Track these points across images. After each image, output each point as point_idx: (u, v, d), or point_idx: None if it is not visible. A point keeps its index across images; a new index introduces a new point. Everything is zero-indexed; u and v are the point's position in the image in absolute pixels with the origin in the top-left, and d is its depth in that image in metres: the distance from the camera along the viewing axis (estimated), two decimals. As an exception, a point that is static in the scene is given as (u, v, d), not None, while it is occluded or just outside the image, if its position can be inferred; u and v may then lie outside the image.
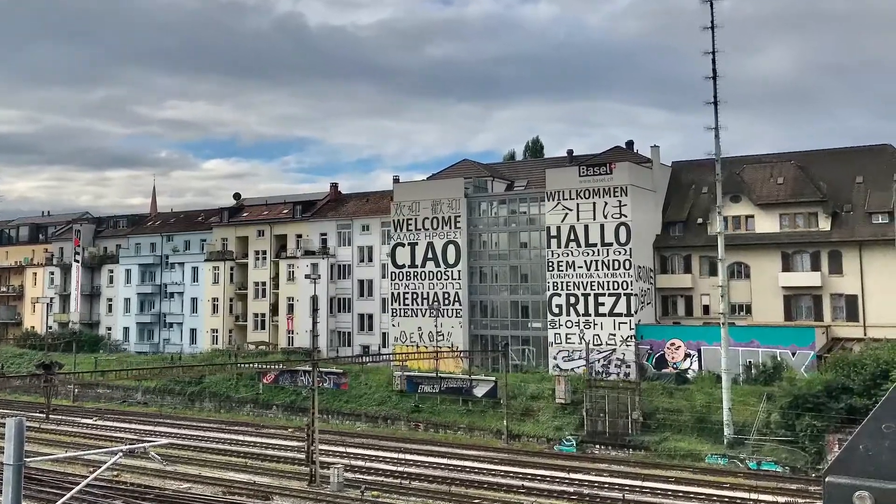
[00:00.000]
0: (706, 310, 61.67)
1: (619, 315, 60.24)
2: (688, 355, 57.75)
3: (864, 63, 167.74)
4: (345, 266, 78.21)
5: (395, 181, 77.05)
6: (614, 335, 60.25)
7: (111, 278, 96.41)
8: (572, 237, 62.59)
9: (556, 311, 62.96)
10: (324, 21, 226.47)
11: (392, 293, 71.42)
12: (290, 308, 79.23)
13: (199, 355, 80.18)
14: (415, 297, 69.85)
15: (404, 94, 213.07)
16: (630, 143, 72.33)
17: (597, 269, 61.45)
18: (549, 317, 63.37)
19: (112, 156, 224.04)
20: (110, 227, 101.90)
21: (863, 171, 60.05)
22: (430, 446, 53.97)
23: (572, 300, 62.28)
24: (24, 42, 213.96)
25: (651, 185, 64.89)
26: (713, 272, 58.18)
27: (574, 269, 62.32)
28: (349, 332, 77.17)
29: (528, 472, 46.08)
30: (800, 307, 58.78)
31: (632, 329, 59.76)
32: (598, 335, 60.78)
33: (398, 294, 70.77)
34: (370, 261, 76.80)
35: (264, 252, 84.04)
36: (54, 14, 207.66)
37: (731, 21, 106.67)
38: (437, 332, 67.11)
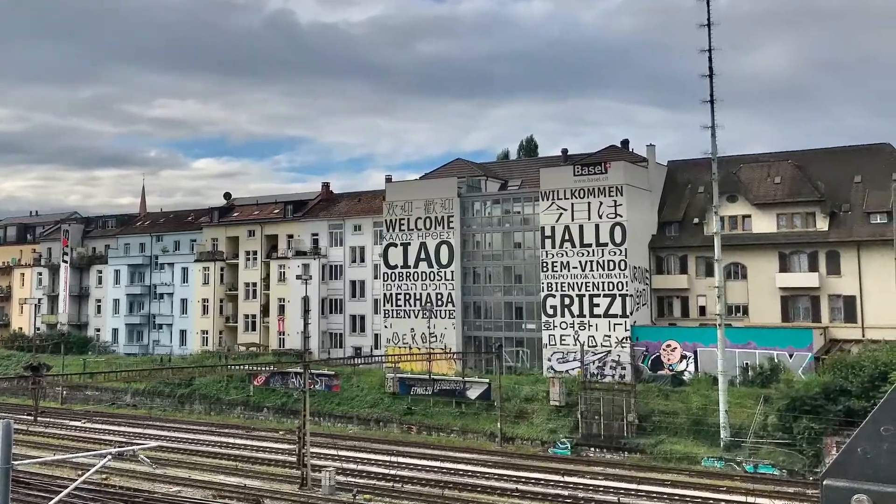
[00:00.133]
0: (702, 311, 61.49)
1: (615, 316, 59.88)
2: (684, 357, 57.50)
3: (859, 60, 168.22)
4: (336, 266, 77.85)
5: (388, 181, 76.77)
6: (609, 336, 59.91)
7: (100, 279, 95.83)
8: (567, 237, 62.23)
9: (550, 312, 62.59)
10: (315, 18, 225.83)
11: (384, 294, 71.04)
12: (281, 309, 78.81)
13: (189, 357, 79.75)
14: (407, 297, 69.44)
15: (396, 93, 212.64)
16: (625, 142, 72.20)
17: (592, 270, 61.08)
18: (544, 318, 62.99)
19: (101, 155, 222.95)
20: (99, 228, 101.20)
21: (861, 171, 59.91)
22: (422, 449, 53.69)
23: (567, 301, 61.92)
24: (13, 40, 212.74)
25: (647, 184, 64.60)
26: (709, 273, 58.03)
27: (569, 270, 61.96)
28: (341, 334, 76.81)
29: (522, 475, 45.78)
30: (797, 308, 58.55)
31: (627, 330, 59.41)
32: (593, 336, 60.41)
33: (390, 295, 70.35)
34: (362, 261, 76.41)
35: (255, 252, 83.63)
36: (43, 12, 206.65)
37: (727, 18, 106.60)
38: (429, 334, 66.84)
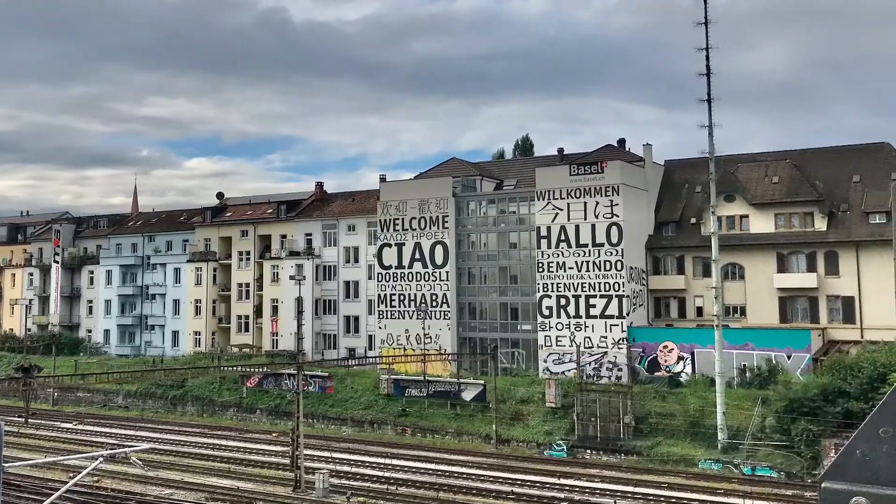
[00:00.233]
0: (699, 311, 61.37)
1: (611, 317, 59.64)
2: (681, 358, 57.33)
3: (858, 59, 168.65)
4: (330, 267, 77.51)
5: (382, 180, 76.45)
6: (606, 338, 59.65)
7: (91, 279, 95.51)
8: (563, 237, 61.97)
9: (546, 312, 62.30)
10: (308, 16, 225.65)
11: (379, 295, 70.72)
12: (275, 310, 78.61)
13: (182, 358, 79.56)
14: (402, 298, 69.18)
15: (391, 91, 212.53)
16: (622, 142, 72.30)
17: (588, 271, 60.85)
18: (539, 319, 62.71)
19: (92, 154, 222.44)
20: (91, 228, 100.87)
21: (860, 170, 59.78)
22: (417, 451, 53.50)
23: (563, 302, 61.64)
24: (2, 38, 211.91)
25: (643, 184, 64.37)
26: (707, 273, 58.04)
27: (564, 270, 61.71)
28: (335, 335, 76.52)
29: (518, 477, 45.58)
30: (795, 309, 58.38)
31: (623, 331, 59.17)
32: (590, 338, 60.17)
33: (385, 296, 70.03)
34: (356, 262, 76.12)
35: (248, 253, 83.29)
36: (33, 10, 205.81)
37: (725, 17, 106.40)
38: (424, 335, 66.69)
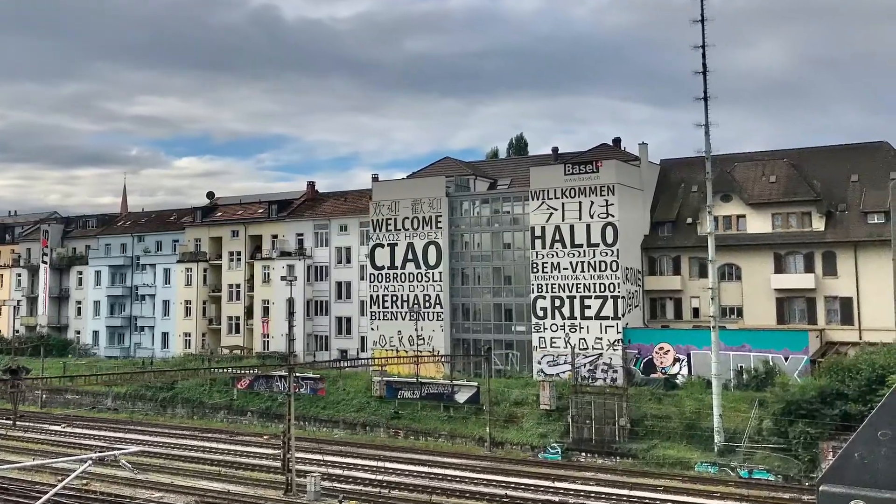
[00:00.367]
0: (696, 313, 61.12)
1: (606, 318, 59.30)
2: (677, 360, 57.04)
3: (854, 56, 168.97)
4: (322, 267, 77.14)
5: (374, 180, 76.18)
6: (601, 339, 59.32)
7: (80, 280, 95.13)
8: (557, 238, 61.65)
9: (540, 314, 61.96)
10: (300, 14, 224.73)
11: (371, 295, 70.36)
12: (266, 311, 78.27)
13: (172, 360, 79.68)
14: (394, 299, 68.78)
15: (384, 90, 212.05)
16: (617, 141, 72.10)
17: (583, 271, 60.49)
18: (534, 320, 62.37)
19: (81, 154, 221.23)
20: (79, 228, 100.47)
21: (858, 170, 59.55)
22: (410, 454, 53.39)
23: (557, 303, 61.25)
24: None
25: (639, 183, 64.04)
26: (703, 274, 57.74)
27: (559, 271, 61.36)
28: (326, 336, 76.19)
29: (512, 480, 45.39)
30: (793, 310, 58.11)
31: (619, 332, 58.85)
32: (584, 339, 59.83)
33: (377, 296, 69.65)
34: (348, 262, 75.78)
35: (239, 253, 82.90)
36: (20, 7, 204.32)
37: (721, 14, 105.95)
38: (417, 336, 66.28)
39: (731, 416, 48.44)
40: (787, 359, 52.76)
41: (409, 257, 68.51)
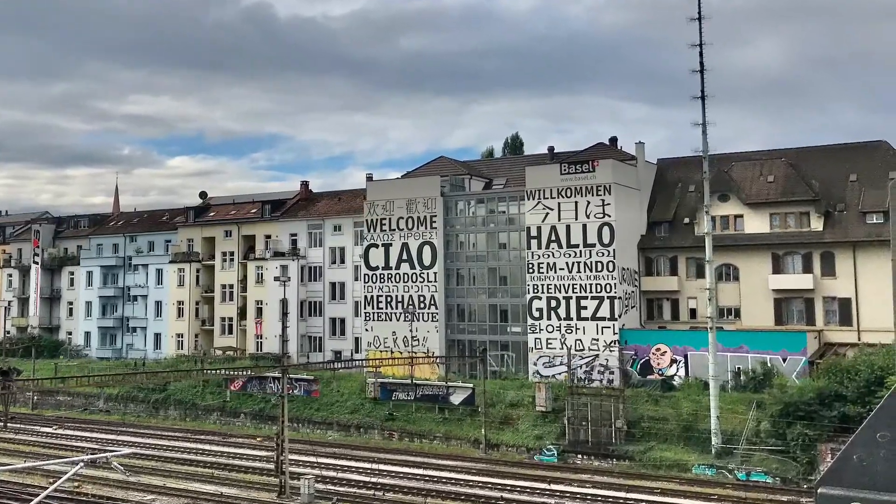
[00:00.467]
0: (693, 313, 60.99)
1: (602, 319, 59.03)
2: (674, 361, 56.90)
3: (852, 55, 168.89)
4: (316, 268, 76.70)
5: (369, 179, 75.93)
6: (597, 340, 59.07)
7: (72, 281, 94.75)
8: (553, 238, 61.35)
9: (536, 314, 61.62)
10: (294, 12, 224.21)
11: (365, 296, 70.03)
12: (259, 312, 77.83)
13: (164, 361, 79.48)
14: (389, 300, 68.45)
15: (378, 89, 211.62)
16: (614, 140, 71.99)
17: (579, 271, 60.21)
18: (529, 321, 62.04)
19: (73, 153, 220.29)
20: (71, 228, 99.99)
21: (856, 169, 59.38)
22: (404, 456, 53.20)
23: (553, 303, 60.95)
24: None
25: (636, 183, 63.83)
26: (700, 274, 57.35)
27: (555, 272, 61.07)
28: (320, 337, 75.74)
29: (507, 483, 45.24)
30: (791, 311, 57.97)
31: (615, 333, 58.62)
32: (581, 340, 59.54)
33: (372, 297, 69.28)
34: (342, 262, 75.33)
35: (232, 253, 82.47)
36: (11, 5, 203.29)
37: (718, 12, 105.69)
38: (412, 337, 66.15)
39: (729, 418, 48.26)
40: (785, 360, 52.61)
41: (404, 257, 68.14)
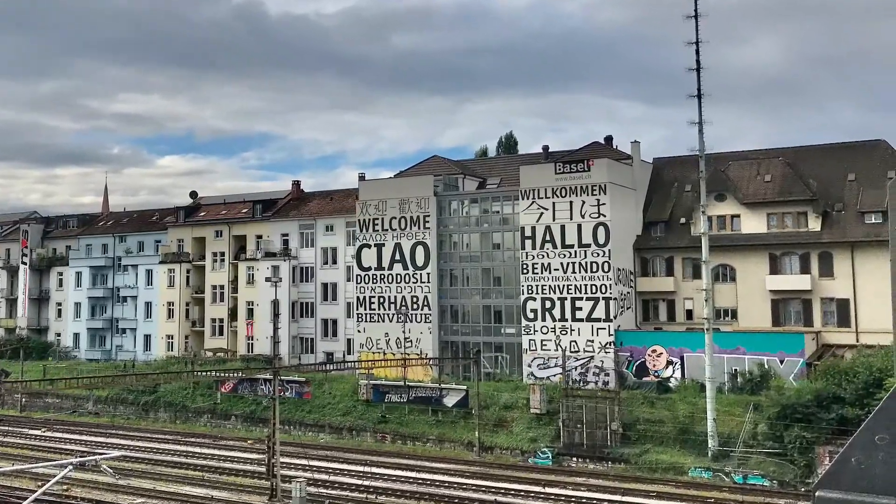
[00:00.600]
0: (689, 315, 60.78)
1: (598, 320, 58.65)
2: (670, 363, 56.62)
3: (851, 54, 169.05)
4: (307, 268, 76.17)
5: (361, 179, 75.64)
6: (592, 341, 58.69)
7: (61, 281, 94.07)
8: (548, 238, 60.96)
9: (530, 315, 61.24)
10: (285, 9, 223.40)
11: (357, 297, 69.49)
12: (250, 313, 77.23)
13: (154, 363, 79.08)
14: (381, 301, 67.97)
15: (370, 87, 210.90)
16: (609, 139, 72.02)
17: (574, 272, 59.81)
18: (524, 322, 61.69)
19: (62, 152, 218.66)
20: (60, 228, 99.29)
21: (855, 169, 59.22)
22: (397, 459, 53.09)
23: (548, 304, 60.56)
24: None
25: (631, 182, 63.54)
26: (697, 275, 57.40)
27: (550, 272, 60.66)
28: (312, 339, 75.25)
29: (502, 486, 45.16)
30: (788, 312, 57.79)
31: (611, 335, 58.31)
32: (575, 341, 59.17)
33: (364, 298, 68.77)
34: (334, 263, 74.78)
35: (222, 254, 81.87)
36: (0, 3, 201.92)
37: (715, 10, 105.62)
38: (404, 339, 65.71)
39: (726, 421, 48.17)
40: (782, 361, 52.42)
41: (397, 258, 67.65)
